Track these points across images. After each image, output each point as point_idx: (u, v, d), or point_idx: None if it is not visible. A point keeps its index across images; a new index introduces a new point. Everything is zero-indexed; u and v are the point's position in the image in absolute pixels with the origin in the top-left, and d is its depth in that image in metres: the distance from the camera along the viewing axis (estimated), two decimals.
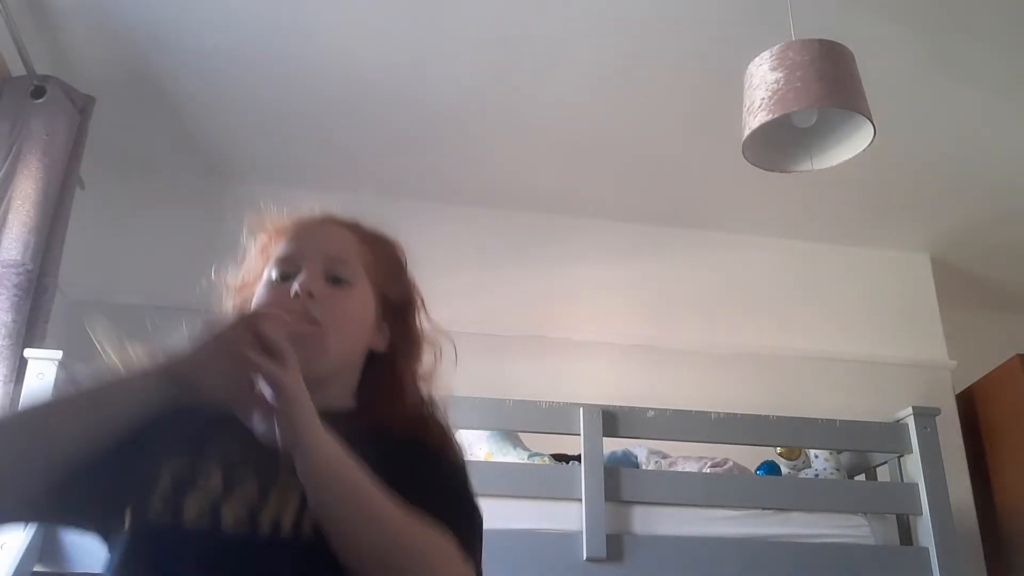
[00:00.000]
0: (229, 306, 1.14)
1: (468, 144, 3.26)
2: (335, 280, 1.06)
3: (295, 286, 1.02)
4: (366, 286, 1.09)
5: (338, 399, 1.04)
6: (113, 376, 0.98)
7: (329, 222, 1.15)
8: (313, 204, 1.17)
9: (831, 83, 1.90)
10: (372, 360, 1.10)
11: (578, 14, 2.66)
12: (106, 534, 0.98)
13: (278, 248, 1.10)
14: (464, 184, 3.50)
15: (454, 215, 3.56)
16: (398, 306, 1.13)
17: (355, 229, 1.15)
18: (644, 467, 2.73)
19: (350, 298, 1.06)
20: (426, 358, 1.13)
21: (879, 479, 2.90)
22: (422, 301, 1.17)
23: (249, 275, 1.14)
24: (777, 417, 2.75)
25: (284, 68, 2.88)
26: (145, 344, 1.06)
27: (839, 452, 2.91)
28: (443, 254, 3.46)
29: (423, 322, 1.15)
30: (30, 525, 1.74)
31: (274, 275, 1.07)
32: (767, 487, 2.65)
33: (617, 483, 2.49)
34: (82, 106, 2.81)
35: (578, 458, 2.59)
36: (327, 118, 3.12)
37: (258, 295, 1.07)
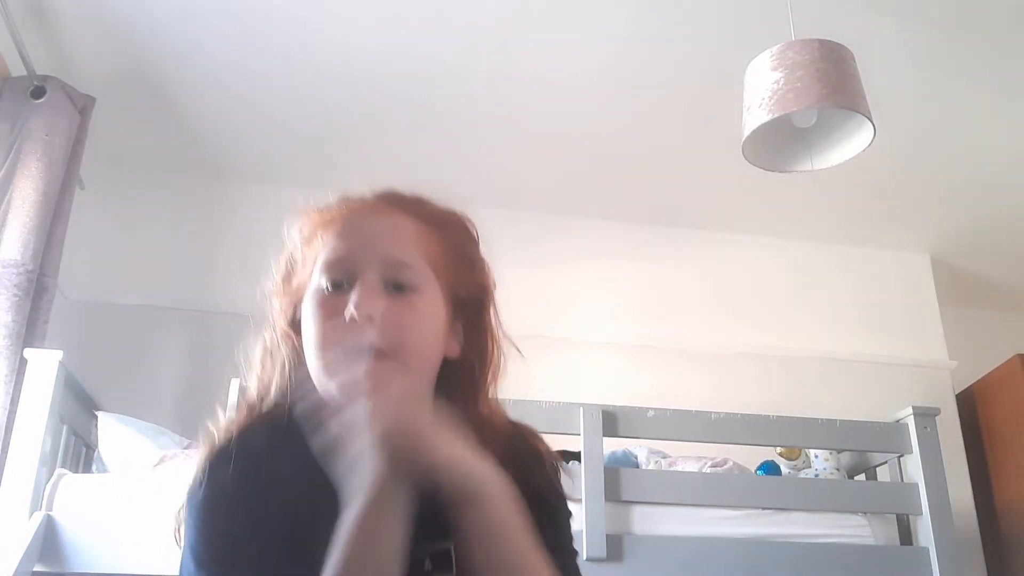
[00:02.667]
0: (277, 307, 0.95)
1: (468, 144, 3.26)
2: (397, 287, 0.87)
3: (351, 308, 0.84)
4: (434, 287, 0.90)
5: None
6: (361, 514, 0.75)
7: (383, 208, 0.93)
8: (364, 180, 0.98)
9: (831, 83, 1.90)
10: (445, 368, 0.93)
11: (578, 14, 2.66)
12: None
13: (326, 246, 0.90)
14: (464, 184, 3.50)
15: None
16: (471, 301, 0.96)
17: (416, 212, 0.94)
18: (644, 467, 2.73)
19: (417, 310, 0.87)
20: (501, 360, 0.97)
21: (879, 479, 2.90)
22: (495, 287, 0.99)
23: (297, 275, 0.94)
24: (777, 417, 2.75)
25: (284, 68, 2.88)
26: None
27: (839, 452, 2.91)
28: None
29: (496, 316, 0.99)
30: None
31: (324, 284, 0.88)
32: (767, 487, 2.65)
33: (617, 483, 2.49)
34: (82, 106, 2.81)
35: (578, 456, 2.59)
36: (327, 118, 3.12)
37: (309, 312, 0.88)
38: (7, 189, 2.55)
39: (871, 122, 1.96)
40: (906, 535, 2.67)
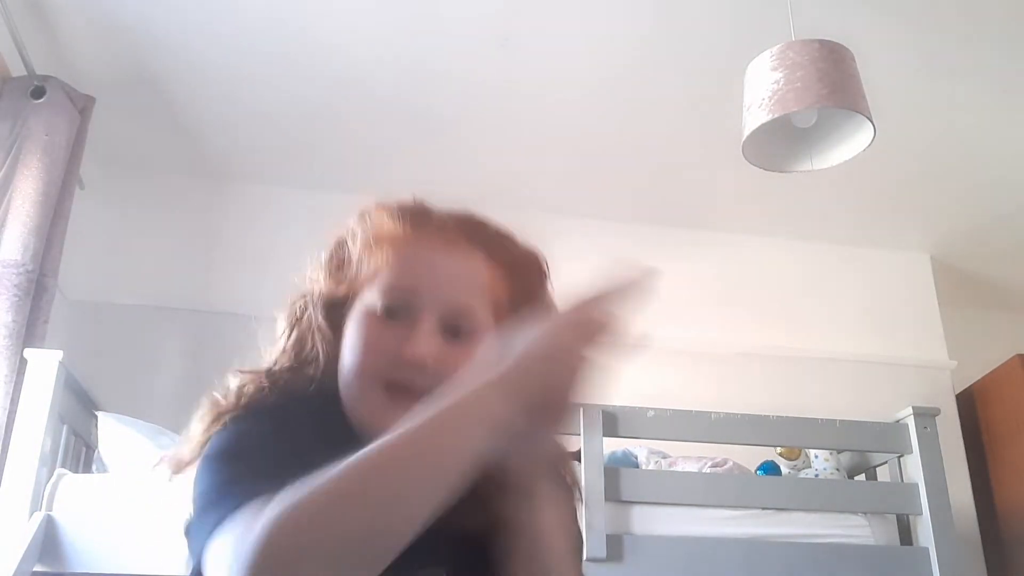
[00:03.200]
0: (322, 289, 0.90)
1: (468, 144, 3.26)
2: (454, 330, 0.85)
3: (407, 349, 0.82)
4: (491, 330, 0.86)
5: None
6: (451, 397, 0.70)
7: (461, 246, 0.89)
8: (442, 198, 0.93)
9: (831, 83, 1.90)
10: None
11: (578, 14, 2.66)
12: None
13: (392, 268, 0.86)
14: (464, 184, 3.49)
15: None
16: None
17: (493, 254, 0.91)
18: (644, 467, 2.73)
19: (465, 358, 0.82)
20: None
21: (879, 479, 2.90)
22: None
23: (349, 273, 0.89)
24: (777, 417, 2.75)
25: (284, 68, 2.88)
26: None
27: (839, 452, 2.91)
28: None
29: None
30: None
31: (380, 306, 0.85)
32: (767, 487, 2.65)
33: (617, 483, 2.49)
34: (82, 106, 2.81)
35: (578, 456, 2.59)
36: (327, 118, 3.12)
37: (356, 328, 0.86)
38: (7, 189, 2.55)
39: (871, 122, 1.96)
40: (906, 535, 2.67)
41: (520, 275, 0.93)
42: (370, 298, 0.86)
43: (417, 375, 0.82)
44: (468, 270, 0.88)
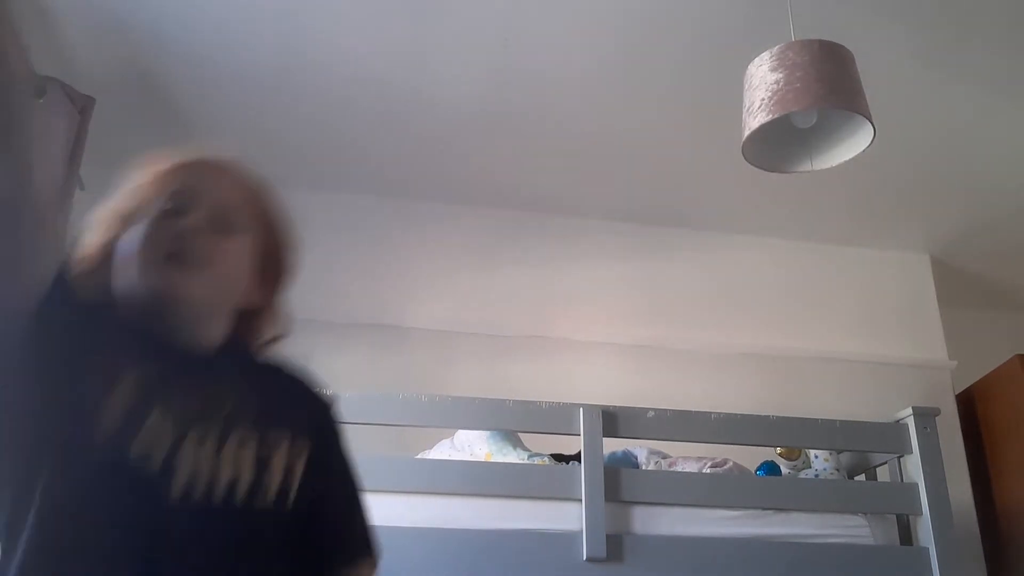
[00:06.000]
0: (106, 231, 1.10)
1: (468, 144, 3.25)
2: (222, 227, 1.06)
3: (181, 223, 1.03)
4: (249, 235, 1.10)
5: (209, 342, 1.07)
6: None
7: (220, 166, 1.14)
8: (207, 144, 1.17)
9: (831, 83, 1.90)
10: (246, 315, 1.12)
11: (578, 14, 2.66)
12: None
13: (170, 181, 1.09)
14: (464, 184, 3.50)
15: (454, 215, 3.57)
16: (276, 252, 1.15)
17: (244, 177, 1.15)
18: (644, 467, 2.73)
19: (231, 246, 1.07)
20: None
21: (879, 479, 2.90)
22: (292, 254, 1.18)
23: (121, 208, 1.10)
24: (777, 417, 2.75)
25: (284, 69, 2.88)
26: None
27: (839, 452, 2.91)
28: (443, 254, 3.47)
29: (294, 264, 1.17)
30: None
31: (163, 207, 1.06)
32: (767, 487, 2.65)
33: (617, 483, 2.49)
34: (82, 106, 2.80)
35: (577, 457, 2.59)
36: (327, 119, 3.12)
37: (143, 223, 1.05)
38: None
39: (871, 122, 1.96)
40: (906, 535, 2.67)
41: (268, 201, 1.16)
42: (152, 208, 1.06)
43: (189, 246, 1.02)
44: (229, 182, 1.12)
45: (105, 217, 1.10)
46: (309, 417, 1.12)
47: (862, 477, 2.94)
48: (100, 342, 0.98)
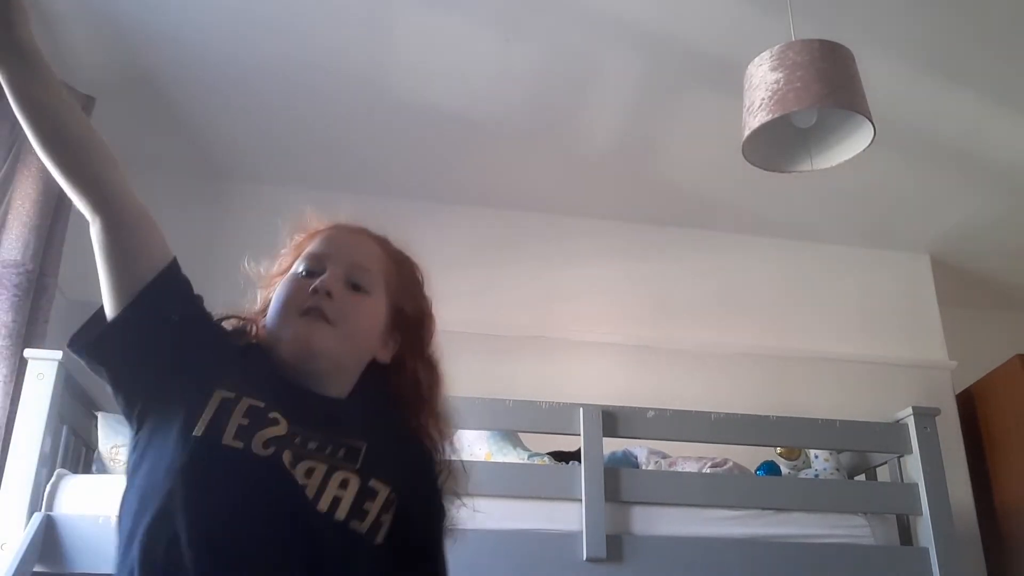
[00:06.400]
0: (260, 296, 1.22)
1: (468, 144, 3.26)
2: (355, 286, 1.14)
3: (316, 283, 1.11)
4: (382, 297, 1.17)
5: (334, 392, 1.13)
6: None
7: (361, 232, 1.23)
8: (351, 211, 1.26)
9: (831, 83, 1.90)
10: (375, 370, 1.17)
11: (578, 15, 2.66)
12: (142, 405, 1.07)
13: (310, 246, 1.18)
14: (464, 184, 3.50)
15: (454, 215, 3.57)
16: (411, 321, 1.20)
17: (383, 243, 1.23)
18: (644, 467, 2.73)
19: (364, 303, 1.14)
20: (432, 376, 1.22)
21: (879, 479, 2.90)
22: (434, 323, 1.24)
23: (280, 267, 1.21)
24: (777, 417, 2.75)
25: (284, 68, 2.88)
26: None
27: (839, 452, 2.91)
28: (443, 254, 3.46)
29: (435, 339, 1.24)
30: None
31: (300, 269, 1.16)
32: (767, 487, 2.65)
33: (617, 483, 2.49)
34: (82, 106, 2.80)
35: (577, 455, 2.59)
36: (327, 118, 3.12)
37: (281, 285, 1.15)
38: (7, 189, 2.55)
39: (871, 122, 1.96)
40: (906, 535, 2.67)
41: (402, 265, 1.23)
42: (295, 267, 1.17)
43: (325, 304, 1.10)
44: (365, 246, 1.20)
45: (264, 277, 1.24)
46: (417, 483, 1.14)
47: (862, 477, 2.94)
48: (235, 361, 1.09)
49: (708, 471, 2.67)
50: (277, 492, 0.99)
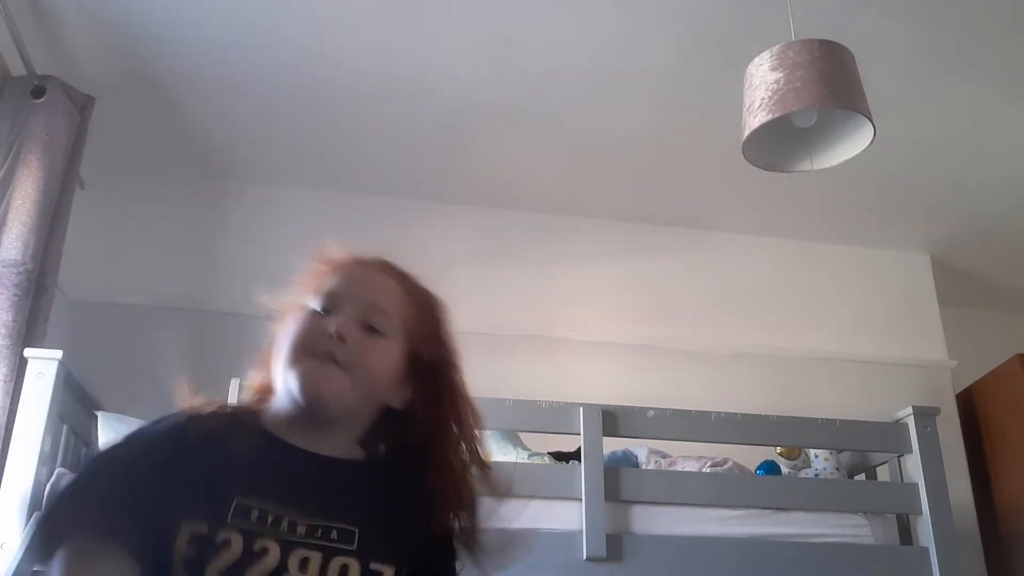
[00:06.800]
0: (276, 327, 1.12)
1: (468, 144, 3.25)
2: (370, 328, 1.06)
3: (331, 325, 1.04)
4: (398, 340, 1.09)
5: (343, 448, 1.06)
6: None
7: (380, 269, 1.14)
8: (372, 248, 1.18)
9: (831, 83, 1.90)
10: (389, 416, 1.10)
11: (578, 14, 2.66)
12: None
13: (327, 281, 1.10)
14: (464, 184, 3.50)
15: (454, 215, 3.57)
16: (429, 365, 1.12)
17: (403, 281, 1.14)
18: (644, 467, 2.73)
19: (378, 348, 1.06)
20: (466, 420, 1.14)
21: (879, 479, 2.90)
22: (458, 360, 1.17)
23: (297, 300, 1.12)
24: (777, 417, 2.75)
25: (284, 68, 2.88)
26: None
27: (839, 452, 2.91)
28: (443, 254, 3.46)
29: (460, 382, 1.15)
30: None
31: (315, 306, 1.07)
32: (767, 487, 2.65)
33: (617, 483, 2.49)
34: (82, 106, 2.81)
35: (577, 455, 2.59)
36: (327, 118, 3.12)
37: (295, 320, 1.07)
38: (7, 189, 2.55)
39: (871, 122, 1.96)
40: (906, 535, 2.67)
41: (423, 304, 1.15)
42: (309, 302, 1.08)
43: (338, 347, 1.03)
44: (384, 285, 1.12)
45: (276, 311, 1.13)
46: (422, 547, 1.06)
47: (862, 477, 2.94)
48: (210, 477, 0.97)
49: (708, 471, 2.67)
50: None
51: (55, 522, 0.97)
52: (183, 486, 0.95)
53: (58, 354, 2.37)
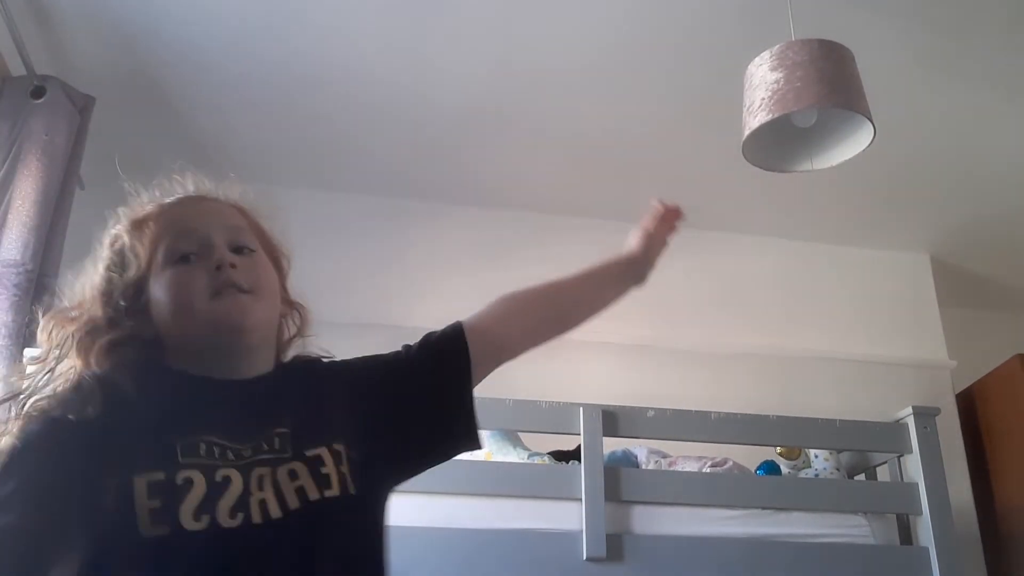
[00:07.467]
0: (83, 317, 1.05)
1: (468, 144, 3.25)
2: (238, 249, 1.06)
3: (216, 259, 1.02)
4: (261, 249, 1.11)
5: (261, 367, 1.07)
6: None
7: (204, 199, 1.15)
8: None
9: (831, 83, 1.90)
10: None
11: (578, 14, 2.66)
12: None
13: (169, 229, 1.06)
14: (464, 184, 3.50)
15: (454, 215, 3.57)
16: (283, 262, 1.16)
17: (224, 199, 1.16)
18: (644, 467, 2.73)
19: (260, 263, 1.08)
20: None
21: (879, 479, 2.90)
22: (289, 257, 1.18)
23: (131, 266, 1.06)
24: (777, 417, 2.75)
25: (283, 68, 2.88)
26: None
27: (839, 452, 2.91)
28: (443, 254, 3.46)
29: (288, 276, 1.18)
30: None
31: (176, 258, 1.04)
32: (767, 487, 2.65)
33: (617, 483, 2.49)
34: (82, 106, 2.80)
35: (577, 455, 2.59)
36: (327, 118, 3.12)
37: (168, 278, 1.03)
38: (7, 189, 2.55)
39: (871, 122, 1.96)
40: (906, 535, 2.67)
41: (255, 215, 1.16)
42: (165, 260, 1.04)
43: (234, 276, 1.02)
44: (223, 208, 1.12)
45: (95, 294, 1.07)
46: (335, 405, 1.09)
47: (862, 477, 2.94)
48: (140, 427, 0.95)
49: (708, 471, 2.67)
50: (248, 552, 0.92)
51: None
52: (115, 447, 0.93)
53: None
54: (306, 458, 0.98)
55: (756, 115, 1.95)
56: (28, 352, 2.39)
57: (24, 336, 2.46)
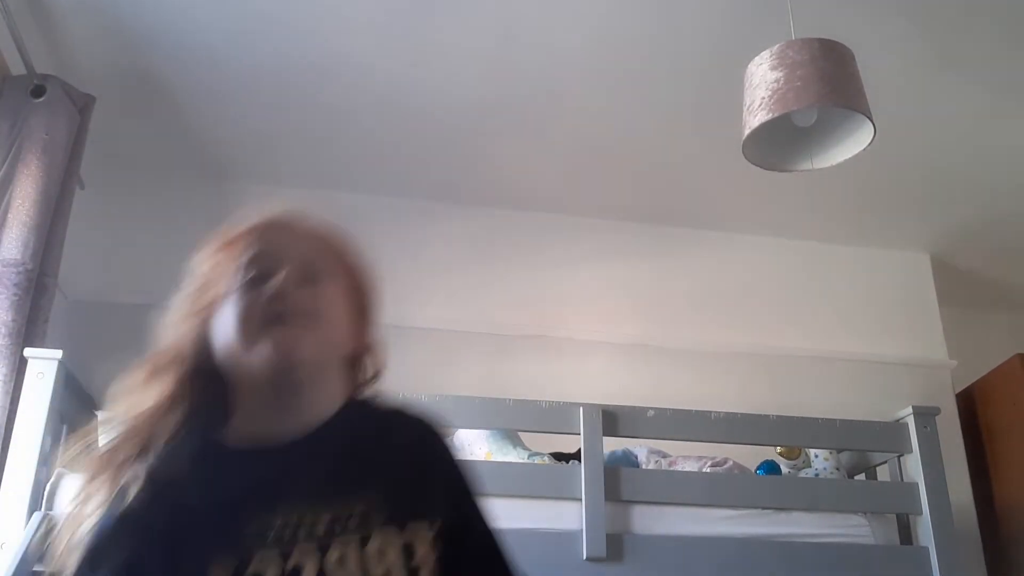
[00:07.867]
0: (187, 325, 1.04)
1: (468, 144, 3.26)
2: (312, 279, 1.01)
3: (271, 286, 0.98)
4: (336, 282, 1.04)
5: (327, 406, 1.01)
6: None
7: (289, 221, 1.10)
8: (273, 203, 1.13)
9: (831, 82, 1.90)
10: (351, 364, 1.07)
11: (579, 15, 2.66)
12: None
13: (245, 251, 1.03)
14: (464, 184, 3.50)
15: (454, 215, 3.57)
16: (363, 295, 1.09)
17: (310, 226, 1.11)
18: (644, 467, 2.73)
19: (325, 294, 1.02)
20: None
21: (879, 479, 2.90)
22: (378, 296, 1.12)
23: (214, 286, 1.04)
24: (777, 417, 2.75)
25: (284, 68, 2.88)
26: None
27: (839, 452, 2.91)
28: (443, 254, 3.46)
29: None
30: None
31: (246, 277, 1.00)
32: (767, 487, 2.64)
33: (617, 483, 2.48)
34: (82, 106, 2.80)
35: (577, 455, 2.59)
36: (327, 118, 3.12)
37: (231, 302, 1.00)
38: (7, 189, 2.55)
39: (871, 122, 1.96)
40: (906, 535, 2.67)
41: (345, 247, 1.10)
42: (233, 283, 1.00)
43: (280, 306, 0.97)
44: (306, 233, 1.07)
45: (181, 318, 1.04)
46: (442, 487, 1.01)
47: (862, 476, 2.94)
48: (208, 514, 0.91)
49: (708, 471, 2.67)
50: None
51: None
52: (186, 534, 0.89)
53: (58, 354, 2.36)
54: (405, 529, 0.92)
55: (756, 114, 1.95)
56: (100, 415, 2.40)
57: (24, 336, 2.47)
